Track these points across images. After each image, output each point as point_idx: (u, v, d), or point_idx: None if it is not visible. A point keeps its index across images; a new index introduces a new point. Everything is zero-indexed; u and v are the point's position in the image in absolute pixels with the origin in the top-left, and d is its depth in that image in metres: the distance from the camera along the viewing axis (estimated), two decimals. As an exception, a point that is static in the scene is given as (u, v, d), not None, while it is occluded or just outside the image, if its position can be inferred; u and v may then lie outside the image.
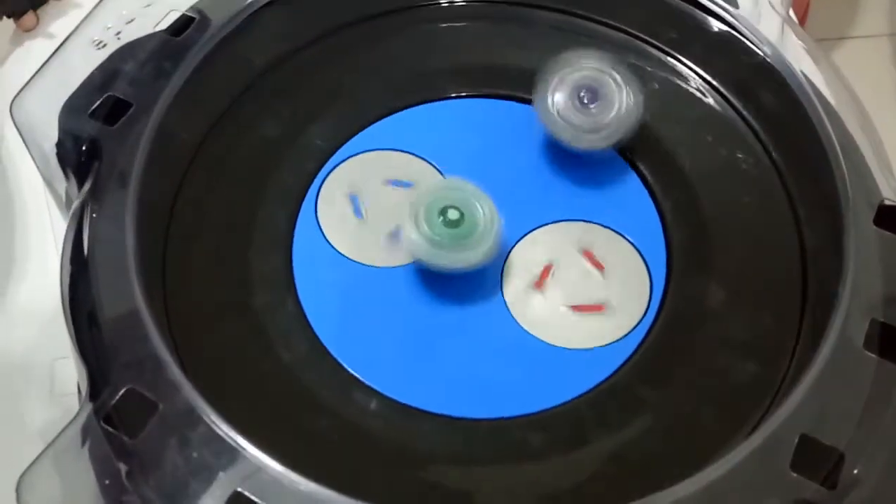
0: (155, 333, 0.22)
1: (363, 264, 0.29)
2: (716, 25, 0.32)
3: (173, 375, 0.21)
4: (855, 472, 0.21)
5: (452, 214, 0.26)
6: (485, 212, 0.26)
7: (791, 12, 0.41)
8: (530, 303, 0.28)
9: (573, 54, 0.29)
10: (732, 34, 0.31)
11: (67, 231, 0.25)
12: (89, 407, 0.21)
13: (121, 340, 0.23)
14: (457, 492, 0.23)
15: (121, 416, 0.21)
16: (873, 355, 0.22)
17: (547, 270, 0.28)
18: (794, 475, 0.21)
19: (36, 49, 0.35)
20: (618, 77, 0.28)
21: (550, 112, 0.28)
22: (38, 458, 0.21)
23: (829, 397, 0.22)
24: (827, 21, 1.00)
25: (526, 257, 0.29)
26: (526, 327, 0.27)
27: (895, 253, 0.25)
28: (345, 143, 0.31)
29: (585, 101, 0.28)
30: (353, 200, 0.29)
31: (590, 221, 0.29)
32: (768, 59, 0.30)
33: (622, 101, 0.28)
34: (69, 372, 0.29)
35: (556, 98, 0.28)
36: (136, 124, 0.26)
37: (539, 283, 0.28)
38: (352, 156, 0.31)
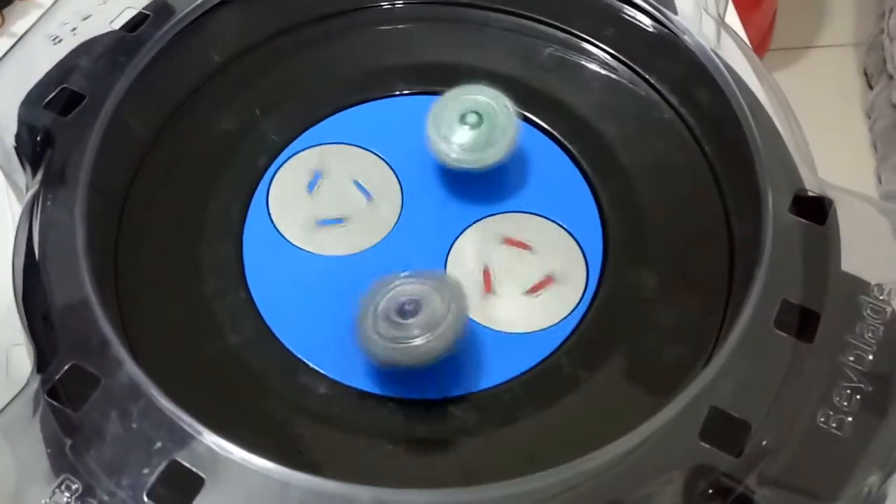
0: (100, 312, 0.23)
1: (312, 253, 0.30)
2: (654, 28, 0.33)
3: (116, 352, 0.22)
4: (764, 443, 0.22)
5: (472, 119, 0.29)
6: (497, 107, 0.29)
7: (735, 14, 0.42)
8: (488, 303, 0.29)
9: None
10: (670, 36, 0.33)
11: (21, 217, 0.26)
12: (37, 380, 0.22)
13: (69, 320, 0.23)
14: (393, 465, 0.24)
15: (65, 390, 0.22)
16: (785, 334, 0.24)
17: (487, 274, 0.29)
18: (703, 444, 0.22)
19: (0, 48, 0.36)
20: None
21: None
22: (-17, 428, 0.22)
23: (741, 373, 0.23)
24: (794, 31, 1.02)
25: (464, 265, 0.29)
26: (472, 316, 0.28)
27: (810, 239, 0.26)
28: (297, 136, 0.32)
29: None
30: (312, 181, 0.31)
31: (526, 212, 0.30)
32: (702, 61, 0.31)
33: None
34: (24, 358, 0.30)
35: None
36: (89, 115, 0.27)
37: (488, 288, 0.29)
38: (304, 149, 0.32)
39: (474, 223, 0.30)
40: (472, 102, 0.30)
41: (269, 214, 0.30)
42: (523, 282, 0.29)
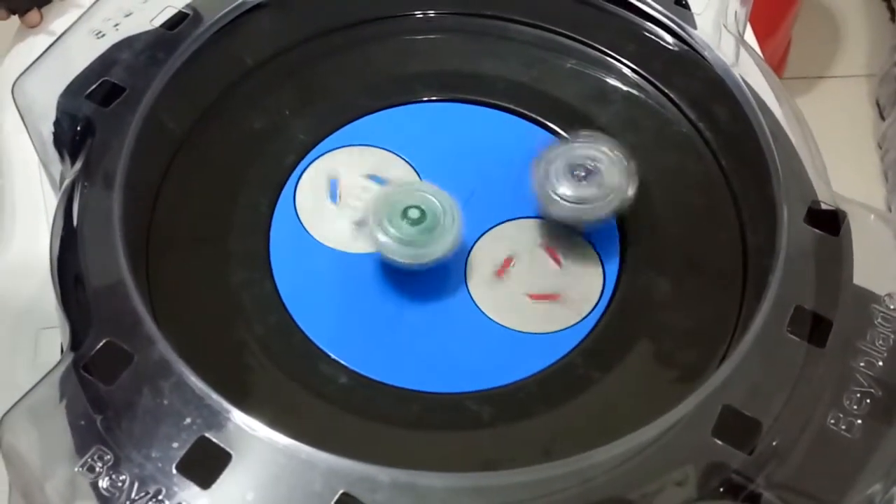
0: (134, 292, 0.24)
1: (336, 249, 0.31)
2: (675, 44, 0.34)
3: (149, 330, 0.23)
4: (774, 443, 0.23)
5: (413, 213, 0.28)
6: (444, 207, 0.28)
7: (753, 38, 0.43)
8: (491, 290, 0.30)
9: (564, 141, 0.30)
10: (690, 52, 0.33)
11: (59, 201, 0.27)
12: (70, 357, 0.23)
13: (103, 299, 0.24)
14: (409, 452, 0.25)
15: (98, 367, 0.23)
16: (797, 338, 0.24)
17: (508, 262, 0.30)
18: (716, 441, 0.22)
19: (38, 45, 0.38)
20: (609, 153, 0.29)
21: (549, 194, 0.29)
22: (17, 401, 0.22)
23: (754, 375, 0.24)
24: (807, 61, 1.03)
25: (489, 250, 0.31)
26: (486, 312, 0.29)
27: (824, 249, 0.27)
28: (325, 138, 0.33)
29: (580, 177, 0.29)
30: (333, 184, 0.31)
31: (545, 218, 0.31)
32: (721, 77, 0.32)
33: (614, 174, 0.29)
34: (54, 341, 0.31)
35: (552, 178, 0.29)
36: (128, 107, 0.28)
37: (500, 272, 0.30)
38: (331, 150, 0.33)
39: (493, 227, 0.31)
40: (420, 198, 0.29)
41: (296, 211, 0.31)
42: (532, 286, 0.30)
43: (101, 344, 0.23)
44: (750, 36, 0.44)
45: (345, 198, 0.32)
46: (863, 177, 0.93)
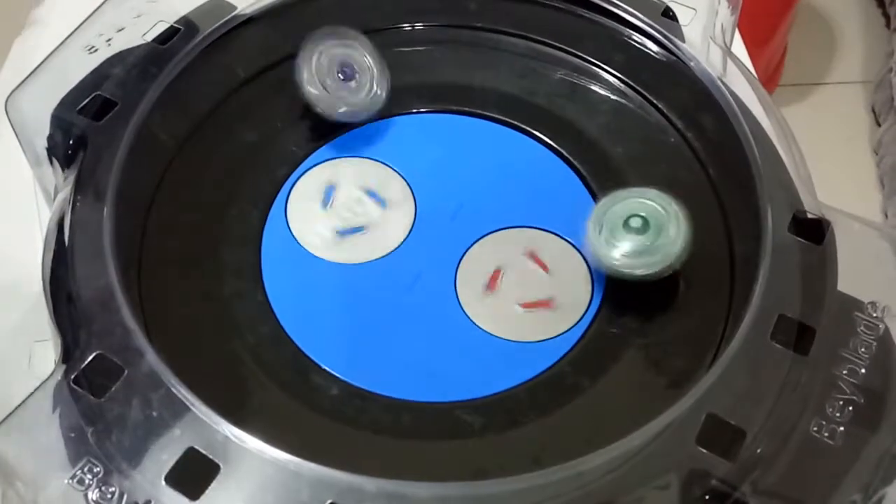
0: (125, 306, 0.24)
1: (327, 260, 0.31)
2: (662, 55, 0.34)
3: (139, 343, 0.24)
4: (758, 451, 0.23)
5: (635, 223, 0.27)
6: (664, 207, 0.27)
7: (743, 48, 0.44)
8: (481, 300, 0.30)
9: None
10: (677, 63, 0.34)
11: (52, 215, 0.27)
12: (62, 369, 0.23)
13: (94, 313, 0.25)
14: (398, 462, 0.25)
15: (89, 379, 0.23)
16: (781, 347, 0.25)
17: (497, 273, 0.30)
18: (700, 449, 0.23)
19: (31, 61, 0.38)
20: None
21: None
22: (10, 413, 0.23)
23: (738, 383, 0.24)
24: (803, 68, 1.04)
25: (479, 259, 0.31)
26: (476, 322, 0.29)
27: (808, 258, 0.27)
28: (316, 149, 0.34)
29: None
30: (329, 190, 0.32)
31: (538, 228, 0.32)
32: (708, 88, 0.32)
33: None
34: (48, 354, 0.31)
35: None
36: (120, 121, 0.29)
37: (492, 285, 0.30)
38: (322, 161, 0.33)
39: (484, 236, 0.32)
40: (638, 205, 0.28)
41: (287, 222, 0.31)
42: (524, 295, 0.30)
43: (91, 357, 0.23)
44: (739, 46, 0.44)
45: (337, 208, 0.32)
46: (858, 183, 0.93)
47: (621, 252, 0.28)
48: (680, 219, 0.27)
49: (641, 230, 0.27)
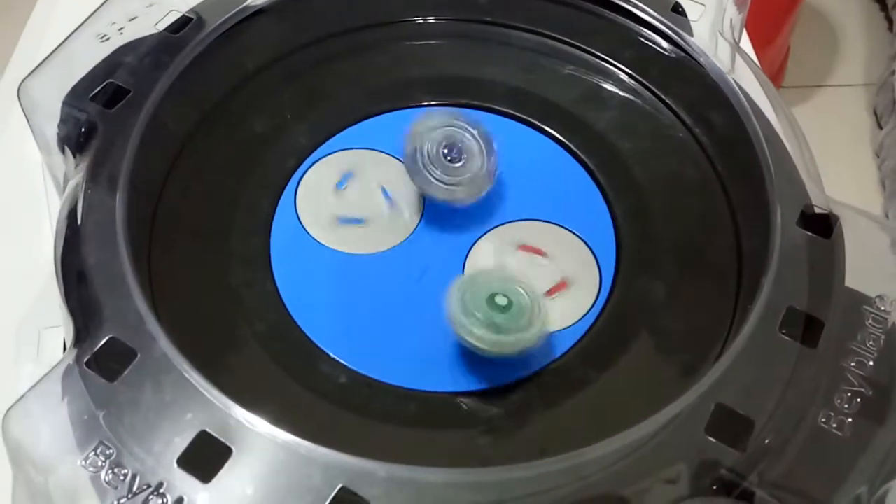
0: (137, 291, 0.24)
1: (335, 250, 0.31)
2: (671, 51, 0.35)
3: (152, 328, 0.24)
4: (766, 441, 0.23)
5: (501, 301, 0.27)
6: (529, 294, 0.27)
7: (750, 45, 0.44)
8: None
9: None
10: (686, 59, 0.34)
11: (63, 201, 0.27)
12: (74, 353, 0.23)
13: (106, 297, 0.25)
14: (405, 450, 0.25)
15: (101, 363, 0.23)
16: (789, 339, 0.25)
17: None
18: (709, 438, 0.23)
19: (43, 49, 0.38)
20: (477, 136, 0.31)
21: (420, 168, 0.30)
22: (22, 396, 0.23)
23: (746, 374, 0.24)
24: (806, 70, 1.04)
25: (488, 250, 0.31)
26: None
27: (816, 251, 0.27)
28: (325, 141, 0.34)
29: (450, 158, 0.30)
30: (345, 177, 0.32)
31: (546, 221, 0.32)
32: (717, 83, 0.33)
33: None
34: (56, 341, 0.31)
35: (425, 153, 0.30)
36: (132, 109, 0.29)
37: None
38: (331, 153, 0.33)
39: (492, 229, 0.32)
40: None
41: (297, 212, 0.32)
42: (539, 286, 0.30)
43: (104, 341, 0.24)
44: (746, 44, 0.45)
45: (347, 196, 0.32)
46: (860, 185, 0.94)
47: (478, 323, 0.26)
48: (540, 311, 0.27)
49: (504, 309, 0.26)
